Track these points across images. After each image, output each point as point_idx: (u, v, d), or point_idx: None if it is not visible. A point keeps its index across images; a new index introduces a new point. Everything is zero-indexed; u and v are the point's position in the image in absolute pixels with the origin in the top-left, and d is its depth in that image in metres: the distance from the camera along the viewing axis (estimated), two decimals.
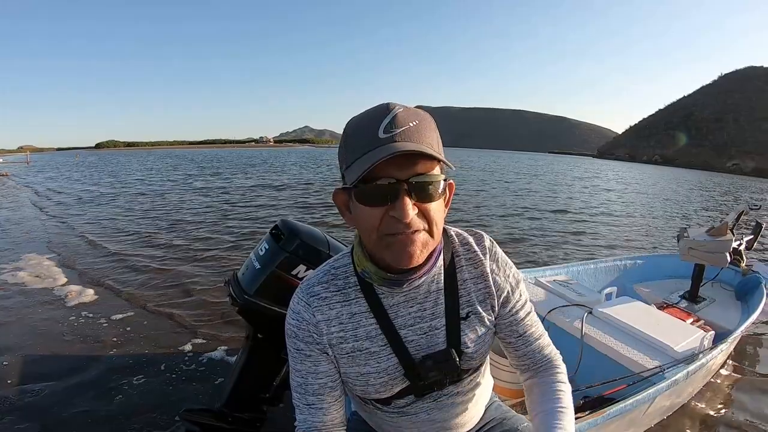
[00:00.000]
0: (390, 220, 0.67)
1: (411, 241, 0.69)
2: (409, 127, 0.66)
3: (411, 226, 0.67)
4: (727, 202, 16.97)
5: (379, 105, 0.70)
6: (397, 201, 0.66)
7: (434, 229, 0.71)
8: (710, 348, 2.05)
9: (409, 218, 0.66)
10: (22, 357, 2.86)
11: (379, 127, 0.65)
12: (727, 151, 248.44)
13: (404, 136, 0.65)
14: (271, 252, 1.56)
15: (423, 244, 0.70)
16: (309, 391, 0.82)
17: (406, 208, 0.65)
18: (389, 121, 0.66)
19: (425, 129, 0.68)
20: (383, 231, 0.69)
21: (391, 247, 0.70)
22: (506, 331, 0.90)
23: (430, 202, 0.68)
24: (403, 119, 0.66)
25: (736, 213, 3.03)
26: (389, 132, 0.65)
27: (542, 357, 0.92)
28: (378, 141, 0.65)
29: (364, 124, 0.68)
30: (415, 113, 0.69)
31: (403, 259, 0.70)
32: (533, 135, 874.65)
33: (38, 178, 19.85)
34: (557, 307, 2.36)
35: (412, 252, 0.70)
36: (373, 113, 0.68)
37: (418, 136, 0.66)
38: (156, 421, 2.22)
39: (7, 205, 10.43)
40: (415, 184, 0.66)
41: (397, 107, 0.68)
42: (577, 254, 6.39)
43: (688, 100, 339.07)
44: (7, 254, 5.57)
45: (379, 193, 0.67)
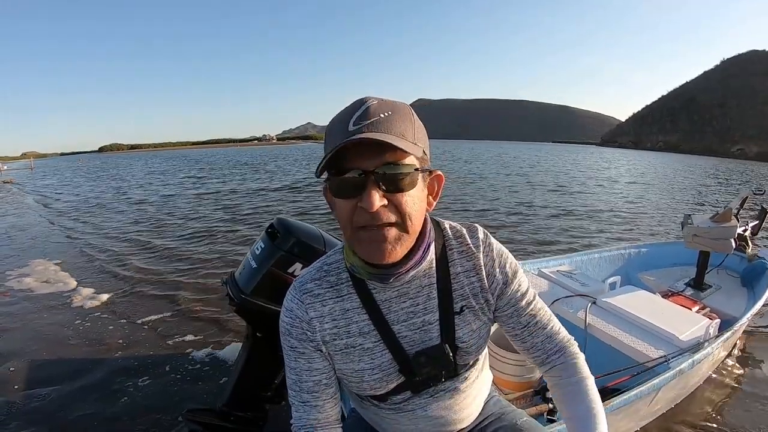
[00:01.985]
0: (360, 212, 0.66)
1: (381, 236, 0.68)
2: (378, 119, 0.65)
3: (379, 218, 0.66)
4: (735, 187, 16.85)
5: (356, 100, 0.69)
6: (364, 192, 0.64)
7: (407, 223, 0.69)
8: (716, 336, 2.02)
9: (374, 208, 0.64)
10: (28, 362, 2.88)
11: (350, 121, 0.65)
12: (730, 136, 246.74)
13: (372, 127, 0.64)
14: (266, 251, 1.56)
15: (395, 239, 0.69)
16: (304, 389, 0.81)
17: (372, 199, 0.64)
18: (360, 113, 0.65)
19: (398, 119, 0.66)
20: (356, 224, 0.68)
21: (362, 242, 0.69)
22: (510, 323, 0.87)
23: (400, 193, 0.67)
24: (375, 111, 0.65)
25: (740, 198, 3.00)
26: (358, 124, 0.64)
27: (553, 347, 0.88)
28: (347, 133, 0.64)
29: (338, 119, 0.67)
30: (391, 105, 0.68)
31: (375, 255, 0.69)
32: (536, 125, 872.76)
33: (42, 184, 19.97)
34: (561, 298, 2.35)
35: (383, 248, 0.68)
36: (349, 108, 0.68)
37: (387, 126, 0.64)
38: (160, 422, 2.23)
39: (13, 212, 10.50)
40: (383, 175, 0.65)
41: (371, 100, 0.67)
42: (580, 243, 6.35)
43: (691, 85, 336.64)
44: (12, 260, 5.61)
45: (348, 184, 0.66)
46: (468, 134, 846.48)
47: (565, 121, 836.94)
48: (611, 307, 2.21)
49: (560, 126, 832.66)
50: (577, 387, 0.85)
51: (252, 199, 11.28)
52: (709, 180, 20.46)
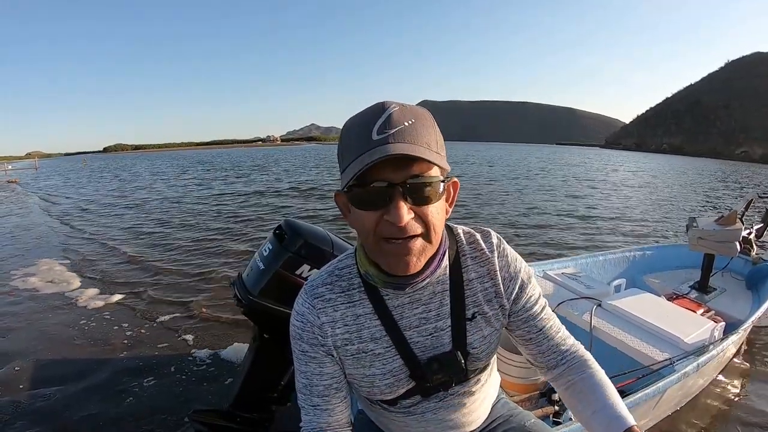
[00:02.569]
0: (385, 224, 0.65)
1: (407, 249, 0.67)
2: (404, 127, 0.63)
3: (407, 230, 0.65)
4: (739, 189, 16.78)
5: (375, 104, 0.67)
6: (391, 205, 0.63)
7: (432, 234, 0.68)
8: (721, 339, 2.02)
9: (404, 222, 0.64)
10: (33, 362, 2.89)
11: (373, 128, 0.63)
12: (735, 138, 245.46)
13: (399, 137, 0.62)
14: (274, 252, 1.56)
15: (420, 251, 0.68)
16: (314, 393, 0.81)
17: (401, 212, 0.63)
18: (383, 121, 0.63)
19: (422, 127, 0.65)
20: (379, 235, 0.67)
21: (387, 255, 0.69)
22: (524, 328, 0.87)
23: (427, 205, 0.66)
24: (398, 118, 0.63)
25: (745, 201, 2.99)
26: (383, 132, 0.62)
27: (568, 348, 0.88)
28: (371, 143, 0.62)
29: (358, 125, 0.65)
30: (412, 111, 0.66)
31: (399, 267, 0.69)
32: (540, 127, 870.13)
33: (46, 184, 20.05)
34: (566, 300, 2.35)
35: (408, 261, 0.68)
36: (368, 113, 0.66)
37: (413, 136, 0.63)
38: (166, 423, 2.24)
39: (17, 212, 10.55)
40: (410, 187, 0.64)
41: (392, 106, 0.65)
42: (585, 246, 6.33)
43: (695, 87, 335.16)
44: (17, 260, 5.64)
45: (374, 196, 0.65)
46: (473, 136, 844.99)
47: (568, 123, 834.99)
48: (616, 310, 2.21)
49: (563, 128, 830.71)
50: (596, 380, 0.84)
51: (259, 201, 11.27)
52: (714, 183, 20.38)
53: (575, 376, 0.86)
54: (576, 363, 0.87)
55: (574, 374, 0.86)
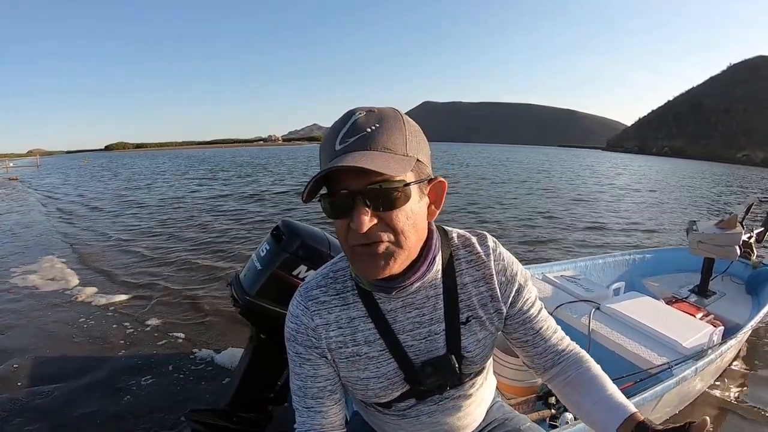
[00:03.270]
0: (352, 232, 0.65)
1: (372, 254, 0.67)
2: (365, 134, 0.63)
3: (369, 237, 0.65)
4: (740, 192, 16.74)
5: (346, 112, 0.68)
6: (353, 212, 0.64)
7: (400, 238, 0.67)
8: (720, 343, 2.02)
9: (364, 229, 0.63)
10: (32, 359, 2.89)
11: (338, 137, 0.64)
12: (736, 141, 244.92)
13: (356, 145, 0.62)
14: (271, 253, 1.56)
15: (388, 256, 0.67)
16: (308, 395, 0.81)
17: (361, 219, 0.63)
18: (347, 129, 0.64)
19: (386, 131, 0.64)
20: (350, 242, 0.67)
21: (356, 260, 0.69)
22: (520, 331, 0.87)
23: (391, 210, 0.65)
24: (362, 125, 0.64)
25: (745, 205, 2.99)
26: (344, 142, 0.63)
27: (564, 348, 0.89)
28: (334, 153, 0.63)
29: (328, 135, 0.67)
30: (379, 116, 0.65)
31: (369, 271, 0.69)
32: (541, 128, 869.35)
33: (47, 181, 20.07)
34: (564, 303, 2.34)
35: (375, 265, 0.67)
36: (338, 122, 0.67)
37: (373, 142, 0.63)
38: (163, 422, 2.24)
39: (18, 209, 10.58)
40: (370, 194, 0.63)
41: (358, 113, 0.66)
42: (585, 249, 6.33)
43: (697, 90, 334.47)
44: (17, 257, 5.65)
45: (338, 204, 0.65)
46: (474, 137, 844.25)
47: (569, 125, 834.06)
48: (615, 313, 2.20)
49: (565, 130, 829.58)
50: (592, 372, 0.85)
51: (261, 202, 11.27)
52: (721, 187, 20.31)
53: (572, 371, 0.87)
54: (572, 359, 0.88)
55: (571, 370, 0.87)
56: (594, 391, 0.82)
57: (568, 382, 0.87)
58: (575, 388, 0.86)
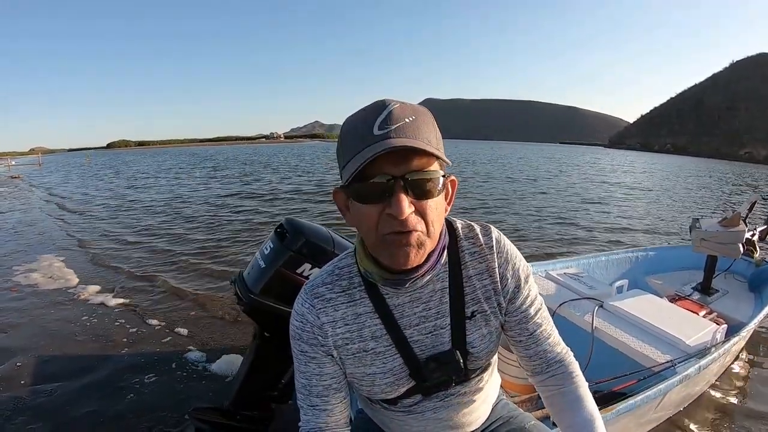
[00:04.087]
0: (387, 218, 0.65)
1: (407, 242, 0.67)
2: (405, 123, 0.64)
3: (407, 224, 0.65)
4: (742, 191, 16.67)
5: (375, 102, 0.68)
6: (392, 198, 0.64)
7: (431, 229, 0.68)
8: (723, 341, 2.01)
9: (404, 215, 0.63)
10: (35, 357, 2.90)
11: (374, 124, 0.63)
12: (739, 139, 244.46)
13: (400, 132, 0.63)
14: (275, 251, 1.56)
15: (419, 245, 0.68)
16: (313, 393, 0.81)
17: (402, 205, 0.63)
18: (384, 117, 0.64)
19: (422, 124, 0.65)
20: (381, 230, 0.67)
21: (388, 248, 0.68)
22: (516, 329, 0.86)
23: (427, 200, 0.66)
24: (399, 115, 0.64)
25: (748, 203, 2.98)
26: (384, 128, 0.63)
27: (554, 356, 0.88)
28: (373, 138, 0.63)
29: (359, 122, 0.66)
30: (413, 109, 0.67)
31: (399, 261, 0.69)
32: (543, 125, 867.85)
33: (50, 180, 20.08)
34: (568, 301, 2.33)
35: (407, 252, 0.68)
36: (369, 110, 0.66)
37: (414, 132, 0.64)
38: (166, 420, 2.24)
39: (20, 207, 10.59)
40: (411, 181, 0.64)
41: (393, 103, 0.66)
42: (588, 246, 6.32)
43: (699, 88, 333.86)
44: (20, 256, 5.66)
45: (375, 190, 0.65)
46: (476, 134, 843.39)
47: (571, 122, 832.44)
48: (618, 311, 2.20)
49: (567, 126, 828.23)
50: (575, 395, 0.86)
51: (266, 201, 11.15)
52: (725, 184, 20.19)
53: (555, 388, 0.88)
54: (559, 374, 0.88)
55: (556, 386, 0.88)
56: (571, 415, 0.85)
57: (550, 396, 0.89)
58: (555, 404, 0.89)
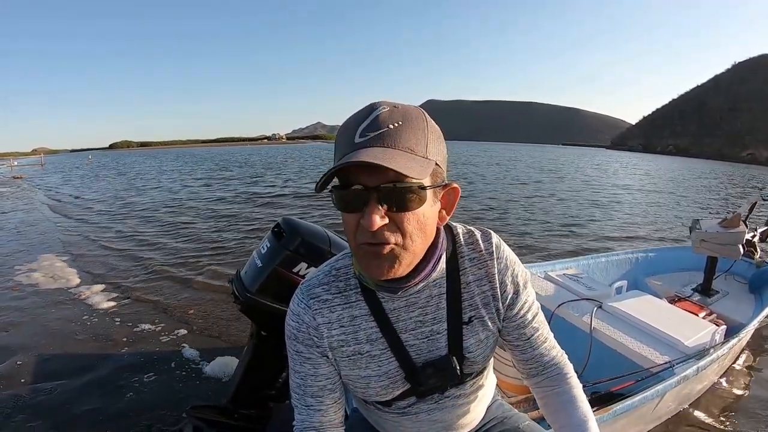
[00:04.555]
0: (361, 228, 0.64)
1: (378, 254, 0.65)
2: (387, 130, 0.61)
3: (378, 237, 0.63)
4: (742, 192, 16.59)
5: (369, 104, 0.66)
6: (366, 209, 0.62)
7: (408, 242, 0.65)
8: (722, 342, 2.01)
9: (374, 227, 0.61)
10: (35, 356, 2.91)
11: (358, 130, 0.62)
12: (741, 140, 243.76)
13: (377, 141, 0.61)
14: (272, 250, 1.56)
15: (393, 258, 0.66)
16: (308, 393, 0.81)
17: (372, 218, 0.61)
18: (368, 123, 0.62)
19: (408, 130, 0.62)
20: (357, 240, 0.66)
21: (362, 258, 0.68)
22: (513, 334, 0.86)
23: (404, 212, 0.64)
24: (384, 121, 0.62)
25: (749, 204, 2.97)
26: (364, 136, 0.61)
27: (550, 360, 0.88)
28: (353, 145, 0.61)
29: (347, 126, 0.65)
30: (402, 113, 0.63)
31: (372, 272, 0.67)
32: (545, 127, 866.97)
33: (52, 180, 20.12)
34: (566, 302, 2.33)
35: (380, 266, 0.66)
36: (358, 114, 0.64)
37: (395, 140, 0.61)
38: (164, 418, 2.25)
39: (22, 207, 10.62)
40: (384, 192, 0.62)
41: (381, 107, 0.63)
42: (587, 247, 6.31)
43: (701, 89, 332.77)
44: (21, 255, 5.68)
45: (350, 198, 0.64)
46: (478, 136, 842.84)
47: (573, 123, 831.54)
48: (617, 312, 2.20)
49: (568, 128, 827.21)
50: (569, 396, 0.86)
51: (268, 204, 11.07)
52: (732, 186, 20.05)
53: (550, 389, 0.89)
54: (554, 375, 0.89)
55: (550, 387, 0.89)
56: (564, 416, 0.85)
57: (545, 396, 0.90)
58: (550, 406, 0.89)
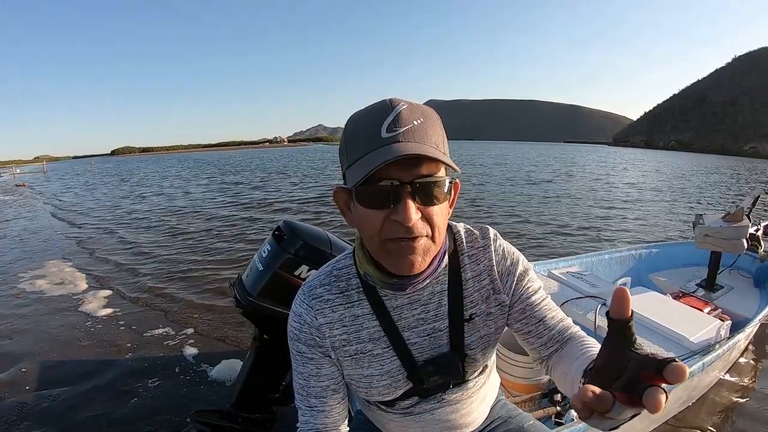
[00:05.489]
0: (392, 224, 0.64)
1: (412, 248, 0.66)
2: (413, 126, 0.62)
3: (414, 231, 0.64)
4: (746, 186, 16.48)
5: (381, 101, 0.66)
6: (399, 204, 0.62)
7: (436, 234, 0.67)
8: (727, 338, 2.00)
9: (412, 222, 0.62)
10: (40, 363, 2.92)
11: (382, 126, 0.62)
12: (743, 134, 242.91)
13: (408, 136, 0.61)
14: (273, 253, 1.56)
15: (425, 251, 0.67)
16: (311, 394, 0.81)
17: (409, 212, 0.62)
18: (393, 119, 0.62)
19: (430, 127, 0.64)
20: (385, 236, 0.66)
21: (392, 254, 0.67)
22: (522, 321, 0.83)
23: (434, 205, 0.65)
24: (407, 117, 0.63)
25: (752, 198, 2.95)
26: (392, 131, 0.61)
27: (569, 333, 0.81)
28: (380, 141, 0.61)
29: (365, 122, 0.64)
30: (420, 110, 0.65)
31: (404, 267, 0.68)
32: (547, 125, 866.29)
33: (55, 187, 20.18)
34: (571, 299, 2.33)
35: (413, 260, 0.67)
36: (375, 110, 0.65)
37: (422, 135, 0.62)
38: (169, 423, 2.25)
39: (26, 215, 10.67)
40: (419, 187, 0.63)
41: (401, 104, 0.64)
42: (591, 245, 6.29)
43: (702, 84, 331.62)
44: (25, 263, 5.70)
45: (382, 195, 0.63)
46: (479, 135, 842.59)
47: (575, 121, 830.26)
48: None
49: (571, 125, 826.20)
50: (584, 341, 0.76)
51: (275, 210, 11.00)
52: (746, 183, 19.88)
53: (566, 347, 0.80)
54: (575, 339, 0.80)
55: (568, 347, 0.79)
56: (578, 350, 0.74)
57: (561, 357, 0.79)
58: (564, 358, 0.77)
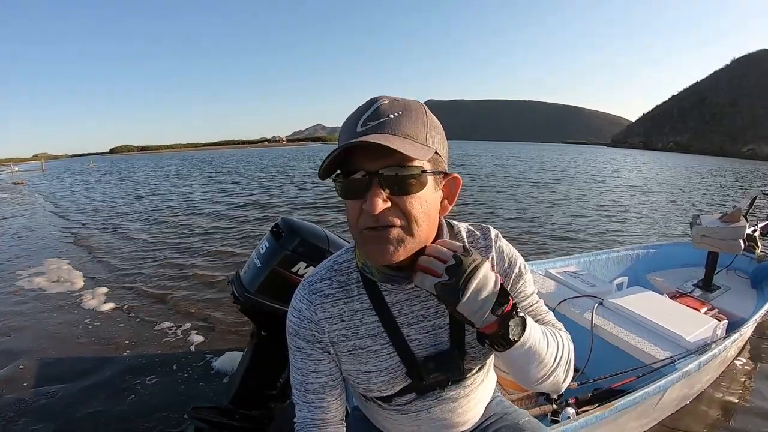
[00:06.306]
0: (364, 214, 0.65)
1: (383, 238, 0.66)
2: (387, 119, 0.63)
3: (380, 220, 0.65)
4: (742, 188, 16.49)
5: (370, 99, 0.68)
6: (367, 194, 0.64)
7: (413, 226, 0.67)
8: (723, 337, 2.00)
9: (376, 211, 0.63)
10: (38, 360, 2.92)
11: (359, 121, 0.64)
12: (742, 136, 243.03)
13: (379, 129, 0.63)
14: (271, 250, 1.57)
15: (397, 241, 0.67)
16: (309, 390, 0.81)
17: (373, 201, 0.63)
18: (369, 114, 0.64)
19: (407, 119, 0.65)
20: (361, 225, 0.67)
21: (367, 243, 0.68)
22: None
23: (405, 195, 0.65)
24: (385, 111, 0.64)
25: (749, 199, 2.96)
26: (366, 125, 0.63)
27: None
28: (354, 135, 0.63)
29: (349, 119, 0.67)
30: (403, 105, 0.66)
31: (377, 256, 0.68)
32: (546, 125, 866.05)
33: (53, 185, 20.14)
34: (567, 299, 2.33)
35: (384, 249, 0.67)
36: (360, 108, 0.67)
37: (395, 127, 0.63)
38: (167, 420, 2.25)
39: (24, 213, 10.66)
40: (386, 177, 0.63)
41: (382, 100, 0.66)
42: (589, 244, 6.30)
43: (701, 85, 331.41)
44: (23, 260, 5.70)
45: (353, 186, 0.65)
46: (478, 135, 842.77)
47: (574, 122, 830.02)
48: (618, 308, 2.19)
49: (569, 126, 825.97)
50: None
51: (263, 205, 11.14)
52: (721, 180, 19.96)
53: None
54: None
55: None
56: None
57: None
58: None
